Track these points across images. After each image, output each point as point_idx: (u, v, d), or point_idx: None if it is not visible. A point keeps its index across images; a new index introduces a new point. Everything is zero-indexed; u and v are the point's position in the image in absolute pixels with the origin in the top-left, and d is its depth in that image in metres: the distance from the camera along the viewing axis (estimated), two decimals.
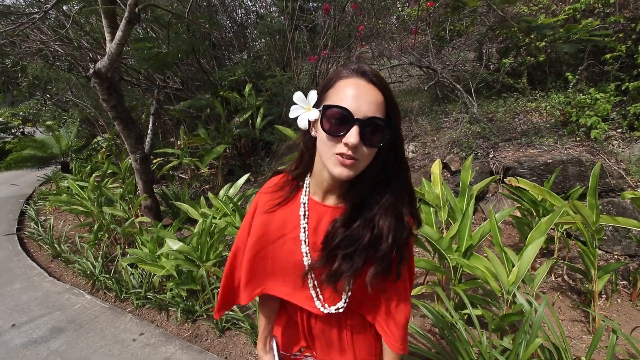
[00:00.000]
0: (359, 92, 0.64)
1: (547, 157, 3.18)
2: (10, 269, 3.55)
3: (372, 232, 0.71)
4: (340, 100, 0.65)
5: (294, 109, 0.73)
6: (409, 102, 5.55)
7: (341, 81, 0.67)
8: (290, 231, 0.80)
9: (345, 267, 0.72)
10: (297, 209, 0.80)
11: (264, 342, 0.99)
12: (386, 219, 0.71)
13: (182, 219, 3.20)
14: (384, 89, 0.67)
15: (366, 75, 0.66)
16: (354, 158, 0.64)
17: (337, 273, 0.73)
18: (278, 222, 0.82)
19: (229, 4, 5.76)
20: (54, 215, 5.04)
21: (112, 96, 3.19)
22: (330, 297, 0.80)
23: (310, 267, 0.78)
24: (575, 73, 3.75)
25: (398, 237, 0.72)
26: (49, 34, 4.99)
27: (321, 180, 0.76)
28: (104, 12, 3.05)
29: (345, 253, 0.72)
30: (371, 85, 0.65)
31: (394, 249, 0.72)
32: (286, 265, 0.82)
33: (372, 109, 0.64)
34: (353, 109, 0.63)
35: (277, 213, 0.83)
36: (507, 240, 3.05)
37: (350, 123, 0.63)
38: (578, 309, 2.29)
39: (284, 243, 0.81)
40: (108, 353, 2.21)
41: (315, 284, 0.81)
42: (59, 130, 7.28)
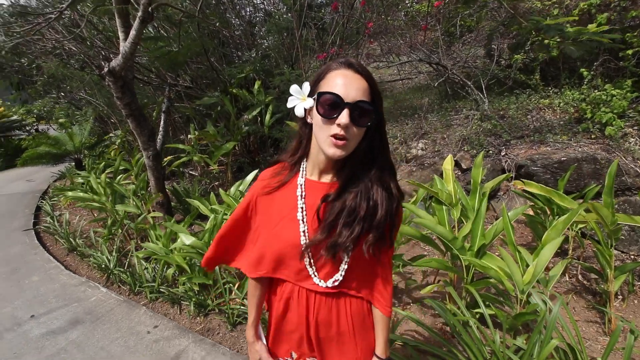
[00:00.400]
0: (347, 80, 0.74)
1: (560, 154, 3.13)
2: (29, 262, 3.65)
3: (368, 203, 0.80)
4: (332, 89, 0.75)
5: (291, 100, 0.82)
6: (418, 99, 5.51)
7: (331, 72, 0.77)
8: (289, 212, 0.87)
9: (346, 234, 0.79)
10: (294, 190, 0.87)
11: (255, 330, 1.05)
12: (378, 191, 0.81)
13: (193, 214, 3.24)
14: (368, 78, 0.77)
15: (353, 67, 0.76)
16: (345, 138, 0.74)
17: (337, 242, 0.80)
18: (278, 205, 0.89)
19: (238, 2, 5.78)
20: (68, 210, 5.16)
21: (126, 94, 3.24)
22: (326, 272, 0.87)
23: (309, 243, 0.83)
24: (590, 69, 3.67)
25: (390, 207, 0.81)
26: (64, 33, 5.08)
27: (317, 162, 0.85)
28: (117, 12, 3.09)
29: (345, 222, 0.80)
30: (357, 75, 0.76)
31: (387, 218, 0.81)
32: (285, 246, 0.87)
33: (359, 94, 0.74)
34: (343, 95, 0.73)
35: (277, 197, 0.90)
36: (519, 239, 3.02)
37: (341, 107, 0.73)
38: (593, 309, 2.26)
39: (283, 225, 0.87)
40: (124, 344, 2.27)
41: (312, 262, 0.86)
42: (72, 127, 7.42)
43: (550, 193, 2.21)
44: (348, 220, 0.80)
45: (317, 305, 0.89)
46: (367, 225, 0.80)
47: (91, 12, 4.02)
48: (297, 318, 0.92)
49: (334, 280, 0.87)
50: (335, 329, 0.91)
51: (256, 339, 1.04)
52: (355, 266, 0.87)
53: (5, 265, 3.60)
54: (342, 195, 0.82)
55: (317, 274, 0.88)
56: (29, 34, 4.41)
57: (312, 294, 0.89)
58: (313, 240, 0.82)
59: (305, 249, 0.84)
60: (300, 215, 0.86)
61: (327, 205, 0.83)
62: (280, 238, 0.88)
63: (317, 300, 0.89)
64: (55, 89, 7.73)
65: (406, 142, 4.23)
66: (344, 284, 0.88)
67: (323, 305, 0.89)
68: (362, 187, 0.81)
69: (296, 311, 0.92)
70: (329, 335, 0.92)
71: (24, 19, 4.85)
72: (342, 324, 0.91)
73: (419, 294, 2.49)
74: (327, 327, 0.91)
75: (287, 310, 0.94)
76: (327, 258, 0.83)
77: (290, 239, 0.86)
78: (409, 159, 4.03)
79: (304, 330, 0.92)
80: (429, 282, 2.62)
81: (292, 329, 0.95)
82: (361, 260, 0.86)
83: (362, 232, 0.80)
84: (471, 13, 5.08)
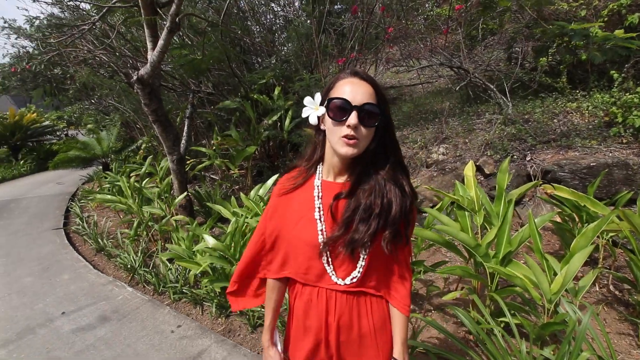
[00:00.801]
0: (353, 86, 0.82)
1: (590, 159, 3.02)
2: (59, 261, 3.82)
3: (382, 200, 0.84)
4: (340, 95, 0.82)
5: (305, 110, 0.90)
6: (438, 103, 5.45)
7: (339, 82, 0.85)
8: (307, 213, 0.91)
9: (363, 229, 0.83)
10: (311, 191, 0.91)
11: (271, 334, 1.06)
12: (392, 189, 0.85)
13: (215, 217, 3.32)
14: (373, 84, 0.84)
15: (358, 75, 0.84)
16: (355, 137, 0.80)
17: (355, 238, 0.83)
18: (296, 206, 0.94)
19: (258, 10, 5.92)
20: (96, 212, 5.38)
21: (153, 101, 3.37)
22: (344, 271, 0.89)
23: (328, 240, 0.86)
24: (620, 71, 3.53)
25: (403, 204, 0.85)
26: (95, 43, 5.35)
27: (332, 164, 0.90)
28: (146, 23, 3.23)
29: (361, 218, 0.84)
30: (363, 81, 0.83)
31: (402, 214, 0.85)
32: (304, 245, 0.90)
33: (365, 98, 0.81)
34: (350, 99, 0.81)
35: (294, 199, 0.94)
36: (545, 247, 2.92)
37: (349, 109, 0.80)
38: (626, 321, 2.15)
39: (302, 225, 0.91)
40: (149, 342, 2.34)
41: (330, 261, 0.89)
42: (101, 132, 7.75)
43: (581, 198, 2.13)
44: (364, 217, 0.83)
45: (337, 306, 0.90)
46: (383, 221, 0.84)
47: (121, 23, 4.22)
48: (317, 322, 0.92)
49: (352, 277, 0.88)
50: (356, 330, 0.91)
51: (271, 344, 1.05)
52: (373, 264, 0.89)
53: (37, 263, 3.78)
54: (357, 193, 0.86)
55: (335, 272, 0.89)
56: (63, 45, 4.67)
57: (332, 294, 0.90)
58: (331, 237, 0.85)
59: (324, 246, 0.86)
60: (318, 215, 0.89)
61: (344, 204, 0.87)
62: (299, 238, 0.91)
63: (338, 300, 0.90)
64: (85, 96, 8.13)
65: (426, 147, 4.19)
66: (362, 282, 0.90)
67: (344, 306, 0.90)
68: (376, 186, 0.85)
69: (316, 314, 0.92)
70: (350, 339, 0.91)
71: (59, 30, 5.14)
72: (363, 325, 0.91)
73: (441, 301, 2.44)
74: (349, 329, 0.91)
75: (307, 314, 0.94)
76: (345, 255, 0.86)
77: (309, 238, 0.89)
78: (430, 163, 3.99)
79: (323, 334, 0.92)
80: (450, 289, 2.58)
81: (310, 334, 0.94)
82: (379, 258, 0.89)
83: (379, 228, 0.83)
84: (494, 16, 5.00)
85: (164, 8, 3.30)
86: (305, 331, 0.95)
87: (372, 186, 0.85)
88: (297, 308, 0.97)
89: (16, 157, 10.95)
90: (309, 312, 0.94)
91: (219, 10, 4.68)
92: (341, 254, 0.86)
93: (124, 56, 5.40)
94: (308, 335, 0.95)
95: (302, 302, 0.95)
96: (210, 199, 4.41)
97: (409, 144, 4.39)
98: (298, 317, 0.96)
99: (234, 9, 5.50)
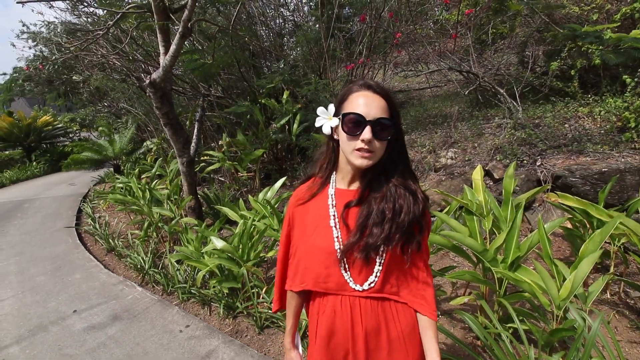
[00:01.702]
0: (367, 100, 0.84)
1: (601, 165, 2.98)
2: (71, 260, 3.91)
3: (394, 205, 0.86)
4: (354, 109, 0.84)
5: (319, 120, 0.92)
6: (447, 108, 5.43)
7: (352, 94, 0.86)
8: (322, 221, 0.93)
9: (377, 233, 0.85)
10: (326, 200, 0.94)
11: (292, 337, 1.08)
12: (403, 194, 0.88)
13: (222, 219, 3.36)
14: (386, 97, 0.86)
15: (372, 88, 0.86)
16: (370, 151, 0.83)
17: (369, 242, 0.85)
18: (312, 216, 0.96)
19: (267, 15, 5.99)
20: (107, 212, 5.48)
21: (164, 104, 3.44)
22: (361, 277, 0.89)
23: (345, 247, 0.87)
24: (633, 76, 3.48)
25: (416, 209, 0.87)
26: (108, 48, 5.48)
27: (346, 172, 0.93)
28: (159, 28, 3.31)
29: (374, 222, 0.86)
30: (376, 95, 0.85)
31: (414, 218, 0.86)
32: (321, 253, 0.91)
33: (378, 112, 0.83)
34: (364, 113, 0.82)
35: (310, 208, 0.96)
36: (556, 253, 2.88)
37: (364, 124, 0.82)
38: (638, 329, 2.11)
39: (318, 233, 0.92)
40: (158, 342, 2.37)
41: (347, 267, 0.90)
42: (113, 134, 7.91)
43: (586, 206, 2.11)
44: (377, 221, 0.86)
45: (363, 313, 0.89)
46: (396, 225, 0.85)
47: (134, 28, 4.32)
48: (343, 332, 0.90)
49: (370, 282, 0.89)
50: (385, 336, 0.90)
51: (293, 347, 1.06)
52: (390, 269, 0.90)
53: (50, 262, 3.87)
54: (369, 200, 0.89)
55: (352, 279, 0.90)
56: (78, 49, 4.80)
57: (355, 302, 0.89)
58: (348, 244, 0.86)
59: (342, 254, 0.87)
60: (333, 222, 0.91)
61: (357, 211, 0.89)
62: (315, 246, 0.92)
63: (362, 308, 0.89)
64: (98, 99, 8.31)
65: (435, 151, 4.18)
66: (382, 288, 0.89)
67: (369, 312, 0.89)
68: (388, 192, 0.88)
69: (341, 324, 0.91)
70: (379, 345, 0.90)
71: (74, 36, 5.28)
72: (391, 330, 0.90)
73: (448, 306, 2.43)
74: (377, 335, 0.90)
75: (332, 324, 0.92)
76: (361, 261, 0.86)
77: (325, 246, 0.90)
78: (438, 168, 3.97)
79: (350, 345, 0.90)
80: (458, 293, 2.56)
81: (337, 344, 0.92)
82: (396, 263, 0.89)
83: (392, 232, 0.85)
84: (504, 20, 4.98)
85: (176, 14, 3.37)
86: (331, 342, 0.93)
87: (383, 192, 0.88)
88: (320, 319, 0.94)
89: (30, 159, 11.22)
90: (334, 325, 0.91)
91: (228, 17, 4.76)
92: (357, 260, 0.87)
93: (137, 61, 5.52)
94: (334, 347, 0.93)
95: (326, 316, 0.92)
96: (219, 201, 4.47)
97: (417, 148, 4.38)
98: (322, 328, 0.93)
99: (243, 15, 5.58)
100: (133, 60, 5.49)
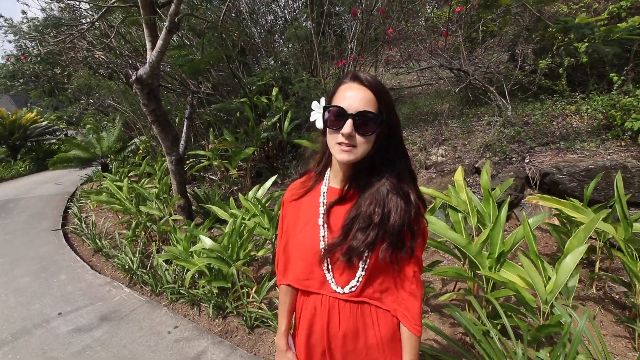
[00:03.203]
0: (352, 93, 0.80)
1: (588, 162, 3.02)
2: (56, 261, 3.82)
3: (383, 210, 0.82)
4: (339, 102, 0.81)
5: (313, 114, 0.90)
6: (438, 105, 5.45)
7: (341, 87, 0.83)
8: (311, 218, 0.91)
9: (361, 238, 0.81)
10: (318, 197, 0.92)
11: (285, 339, 1.05)
12: (393, 198, 0.83)
13: (212, 218, 3.31)
14: (374, 89, 0.81)
15: (359, 80, 0.81)
16: (351, 145, 0.79)
17: (352, 246, 0.82)
18: (303, 212, 0.94)
19: (258, 12, 5.93)
20: (95, 212, 5.37)
21: (152, 101, 3.37)
22: (344, 279, 0.87)
23: (328, 247, 0.85)
24: (620, 74, 3.53)
25: (407, 214, 0.82)
26: (94, 43, 5.35)
27: (338, 170, 0.90)
28: (145, 22, 3.23)
29: (360, 227, 0.82)
30: (363, 87, 0.80)
31: (404, 224, 0.82)
32: (307, 250, 0.90)
33: (361, 105, 0.79)
34: (346, 106, 0.79)
35: (303, 204, 0.95)
36: (544, 249, 2.92)
37: (345, 117, 0.79)
38: (622, 323, 2.15)
39: (307, 230, 0.91)
40: (145, 344, 2.33)
41: (330, 268, 0.88)
42: (101, 133, 7.75)
43: (567, 206, 2.14)
44: (363, 226, 0.82)
45: (341, 315, 0.88)
46: (382, 231, 0.81)
47: (120, 23, 4.22)
48: (320, 331, 0.91)
49: (351, 287, 0.87)
50: (363, 341, 0.88)
51: (287, 348, 1.04)
52: (374, 275, 0.87)
53: (35, 263, 3.78)
54: (359, 201, 0.85)
55: (335, 280, 0.88)
56: (62, 43, 4.68)
57: (335, 303, 0.88)
58: (331, 244, 0.85)
59: (324, 253, 0.86)
60: (321, 221, 0.89)
61: (345, 211, 0.87)
62: (303, 243, 0.91)
63: (341, 310, 0.88)
64: (84, 96, 8.12)
65: (426, 149, 4.19)
66: (363, 293, 0.88)
67: (347, 315, 0.88)
68: (377, 194, 0.83)
69: (319, 323, 0.91)
70: (357, 348, 0.89)
71: (58, 29, 5.14)
72: (369, 335, 0.88)
73: (438, 302, 2.44)
74: (355, 338, 0.89)
75: (311, 323, 0.93)
76: (344, 264, 0.85)
77: (312, 244, 0.89)
78: (429, 165, 3.99)
79: (326, 343, 0.91)
80: (448, 290, 2.57)
81: (315, 342, 0.93)
82: (381, 269, 0.87)
83: (378, 238, 0.82)
84: (494, 18, 5.00)
85: (164, 8, 3.30)
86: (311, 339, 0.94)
87: (372, 194, 0.83)
88: (301, 325, 0.95)
89: (15, 157, 10.95)
90: (312, 323, 0.92)
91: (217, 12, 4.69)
92: (340, 262, 0.85)
93: (123, 56, 5.40)
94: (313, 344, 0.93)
95: (307, 313, 0.93)
96: (209, 200, 4.41)
97: (408, 146, 4.39)
98: (305, 326, 0.94)
99: (233, 12, 5.51)
100: (120, 55, 5.37)
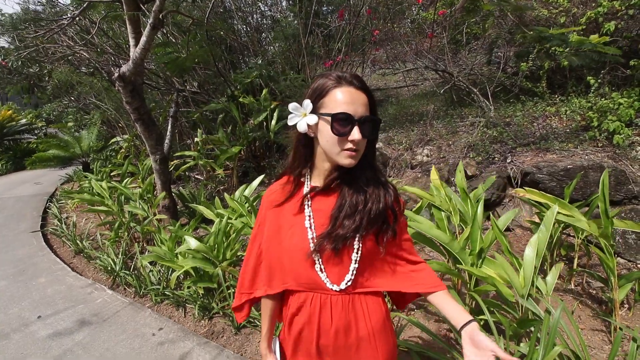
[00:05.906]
0: (352, 98, 0.80)
1: (567, 162, 3.12)
2: (35, 263, 3.69)
3: (365, 197, 0.87)
4: (340, 107, 0.79)
5: (291, 117, 0.86)
6: (423, 106, 5.53)
7: (334, 90, 0.81)
8: (297, 221, 0.90)
9: (348, 224, 0.84)
10: (300, 200, 0.91)
11: (268, 342, 1.05)
12: (374, 186, 0.88)
13: (198, 218, 3.27)
14: (367, 92, 0.83)
15: (354, 84, 0.82)
16: (357, 150, 0.82)
17: (339, 234, 0.84)
18: (286, 217, 0.93)
19: (245, 10, 5.88)
20: (76, 212, 5.22)
21: (135, 99, 3.30)
22: (337, 275, 0.88)
23: (318, 240, 0.86)
24: (597, 77, 3.67)
25: (387, 197, 0.89)
26: (75, 39, 5.20)
27: (322, 170, 0.90)
28: (128, 18, 3.16)
29: (346, 214, 0.86)
30: (359, 91, 0.82)
31: (386, 207, 0.88)
32: (297, 255, 0.89)
33: (363, 110, 0.81)
34: (352, 112, 0.79)
35: (285, 209, 0.93)
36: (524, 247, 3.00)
37: (352, 124, 0.80)
38: (599, 318, 2.23)
39: (292, 234, 0.90)
40: (129, 346, 2.28)
41: (322, 268, 0.88)
42: (81, 131, 7.54)
43: (552, 201, 2.21)
44: (349, 213, 0.85)
45: (333, 310, 0.88)
46: (367, 217, 0.85)
47: (102, 18, 4.12)
48: (310, 327, 0.90)
49: (346, 281, 0.87)
50: (354, 333, 0.89)
51: (269, 351, 1.03)
52: (369, 263, 0.89)
53: (12, 266, 3.64)
54: (342, 193, 0.88)
55: (329, 279, 0.88)
56: (41, 40, 4.53)
57: (327, 300, 0.88)
58: (321, 236, 0.85)
59: (314, 249, 0.85)
60: (308, 223, 0.88)
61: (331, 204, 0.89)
62: (290, 248, 0.89)
63: (333, 305, 0.88)
64: (64, 93, 7.88)
65: (411, 148, 4.24)
66: (359, 285, 0.89)
67: (340, 309, 0.88)
68: (361, 185, 0.88)
69: (310, 320, 0.90)
70: (348, 343, 0.89)
71: (37, 25, 4.98)
72: (360, 327, 0.89)
73: (423, 299, 2.48)
74: (346, 332, 0.88)
75: (303, 320, 0.92)
76: (336, 259, 0.85)
77: (301, 247, 0.87)
78: (414, 165, 4.04)
79: (316, 340, 0.90)
80: None
81: (306, 340, 0.92)
82: (373, 258, 0.89)
83: (364, 224, 0.85)
84: (477, 21, 5.11)
85: (148, 4, 3.24)
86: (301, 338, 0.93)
87: (353, 186, 0.88)
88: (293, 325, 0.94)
89: None
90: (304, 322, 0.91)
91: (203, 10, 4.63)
92: (332, 259, 0.85)
93: (106, 53, 5.27)
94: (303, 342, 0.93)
95: (295, 308, 0.92)
96: (195, 200, 4.35)
97: (394, 145, 4.44)
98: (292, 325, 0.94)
99: (220, 9, 5.44)
100: (102, 52, 5.23)
